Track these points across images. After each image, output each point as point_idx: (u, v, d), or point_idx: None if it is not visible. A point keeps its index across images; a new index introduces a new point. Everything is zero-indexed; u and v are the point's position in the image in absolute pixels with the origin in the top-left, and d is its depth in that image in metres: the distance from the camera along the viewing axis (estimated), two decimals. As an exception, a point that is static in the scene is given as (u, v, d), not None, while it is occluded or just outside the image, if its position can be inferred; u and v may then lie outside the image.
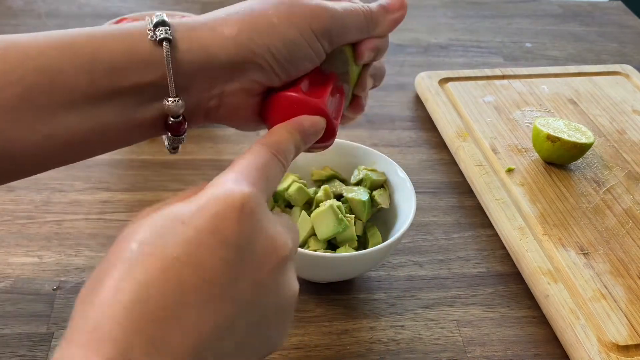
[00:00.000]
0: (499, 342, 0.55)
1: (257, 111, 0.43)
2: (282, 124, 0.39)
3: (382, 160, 0.62)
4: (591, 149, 0.73)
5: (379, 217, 0.61)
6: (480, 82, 0.86)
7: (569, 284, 0.57)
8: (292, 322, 0.33)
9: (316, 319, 0.56)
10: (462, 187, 0.72)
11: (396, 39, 1.00)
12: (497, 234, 0.65)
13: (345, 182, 0.62)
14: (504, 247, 0.64)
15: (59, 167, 0.40)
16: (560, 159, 0.71)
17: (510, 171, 0.71)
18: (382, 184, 0.61)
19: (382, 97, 0.86)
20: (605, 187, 0.70)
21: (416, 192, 0.59)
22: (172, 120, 0.40)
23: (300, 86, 0.42)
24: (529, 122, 0.79)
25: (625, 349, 0.52)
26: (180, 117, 0.40)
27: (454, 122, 0.78)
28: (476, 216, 0.68)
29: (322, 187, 0.59)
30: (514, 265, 0.62)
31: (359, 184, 0.61)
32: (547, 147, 0.70)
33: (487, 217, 0.67)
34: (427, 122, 0.82)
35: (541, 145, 0.71)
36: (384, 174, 0.62)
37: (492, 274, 0.61)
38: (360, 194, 0.59)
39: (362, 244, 0.58)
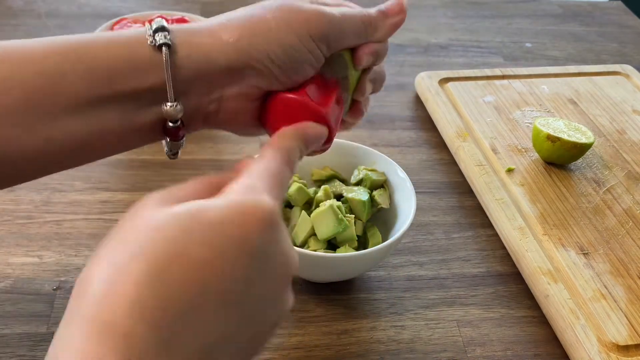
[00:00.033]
0: (499, 342, 0.55)
1: (256, 116, 0.43)
2: (289, 129, 0.40)
3: (382, 160, 0.62)
4: (591, 149, 0.73)
5: (379, 217, 0.61)
6: (480, 82, 0.86)
7: (569, 284, 0.57)
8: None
9: (316, 319, 0.56)
10: (462, 187, 0.72)
11: (396, 39, 1.00)
12: (497, 234, 0.65)
13: (345, 182, 0.62)
14: (504, 247, 0.64)
15: (58, 171, 0.41)
16: (560, 159, 0.71)
17: (510, 171, 0.71)
18: (382, 184, 0.61)
19: (382, 97, 0.85)
20: (605, 187, 0.70)
21: (416, 192, 0.59)
22: (171, 125, 0.41)
23: (305, 90, 0.42)
24: (529, 122, 0.79)
25: (625, 349, 0.52)
26: (178, 122, 0.41)
27: (454, 122, 0.78)
28: (476, 216, 0.68)
29: (322, 187, 0.59)
30: (514, 265, 0.62)
31: (359, 184, 0.61)
32: (547, 147, 0.70)
33: (487, 217, 0.67)
34: (427, 122, 0.82)
35: (541, 145, 0.71)
36: (384, 174, 0.62)
37: (492, 274, 0.61)
38: (360, 194, 0.59)
39: (362, 244, 0.58)
